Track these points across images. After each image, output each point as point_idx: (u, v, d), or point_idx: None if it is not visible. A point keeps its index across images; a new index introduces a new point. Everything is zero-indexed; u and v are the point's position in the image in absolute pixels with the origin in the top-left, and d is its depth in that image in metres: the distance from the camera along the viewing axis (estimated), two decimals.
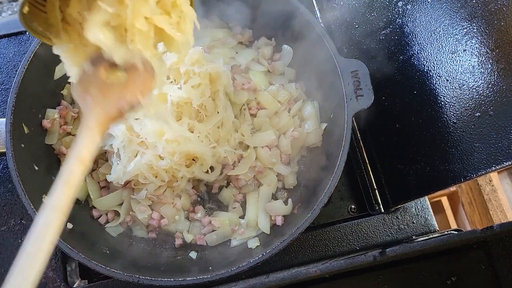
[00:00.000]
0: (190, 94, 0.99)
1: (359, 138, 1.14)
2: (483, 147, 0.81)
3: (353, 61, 0.97)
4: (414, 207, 1.12)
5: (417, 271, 0.88)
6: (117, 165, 1.02)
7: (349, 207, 1.14)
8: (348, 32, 1.14)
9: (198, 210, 1.09)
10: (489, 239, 0.86)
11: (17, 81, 0.99)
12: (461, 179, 0.86)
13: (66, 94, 1.13)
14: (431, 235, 1.06)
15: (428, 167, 0.93)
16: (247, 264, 0.86)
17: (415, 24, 0.93)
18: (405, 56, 0.97)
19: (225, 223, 1.06)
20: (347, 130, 0.93)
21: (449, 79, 0.87)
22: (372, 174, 1.10)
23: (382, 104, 1.04)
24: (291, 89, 1.15)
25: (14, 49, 1.25)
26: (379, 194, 1.09)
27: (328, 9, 1.22)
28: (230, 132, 1.07)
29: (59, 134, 1.09)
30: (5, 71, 1.23)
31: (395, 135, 1.02)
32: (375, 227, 1.10)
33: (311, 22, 1.03)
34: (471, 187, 1.44)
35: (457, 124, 0.85)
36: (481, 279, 0.87)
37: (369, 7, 1.05)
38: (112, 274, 0.87)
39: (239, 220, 1.07)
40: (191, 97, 0.99)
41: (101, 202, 1.06)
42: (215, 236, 1.05)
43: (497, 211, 1.35)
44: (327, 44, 1.00)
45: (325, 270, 0.86)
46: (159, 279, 0.87)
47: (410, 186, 0.98)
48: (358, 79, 0.96)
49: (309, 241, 1.09)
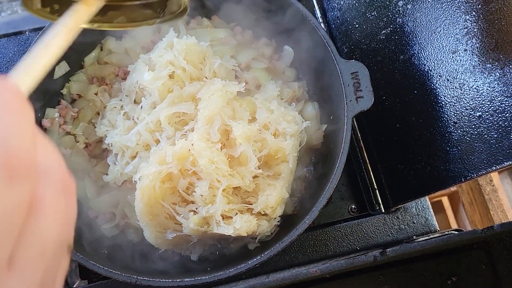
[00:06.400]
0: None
1: (359, 138, 1.14)
2: (483, 147, 0.81)
3: (354, 62, 0.97)
4: (414, 207, 1.12)
5: (418, 271, 0.88)
6: (114, 166, 1.02)
7: (349, 207, 1.14)
8: (348, 31, 1.14)
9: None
10: (489, 239, 0.86)
11: None
12: (461, 179, 0.86)
13: (66, 94, 1.13)
14: (431, 235, 1.05)
15: (429, 167, 0.93)
16: (245, 265, 0.86)
17: (416, 23, 0.93)
18: (405, 56, 0.97)
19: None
20: (347, 131, 0.93)
21: (450, 79, 0.86)
22: (373, 174, 1.10)
23: (383, 104, 1.03)
24: (294, 87, 1.15)
25: (14, 49, 1.25)
26: (380, 194, 1.08)
27: (328, 9, 1.22)
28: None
29: (59, 133, 1.09)
30: (5, 71, 1.23)
31: (395, 135, 1.01)
32: (375, 227, 1.10)
33: (312, 23, 1.03)
34: (472, 187, 1.43)
35: (457, 124, 0.85)
36: (482, 279, 0.87)
37: (369, 6, 1.05)
38: (111, 275, 0.87)
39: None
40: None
41: (97, 203, 1.06)
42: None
43: (497, 211, 1.35)
44: (327, 46, 1.00)
45: (326, 270, 0.85)
46: (157, 279, 0.87)
47: (411, 186, 0.98)
48: (358, 81, 0.95)
49: (310, 241, 1.08)
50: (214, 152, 0.91)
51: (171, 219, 0.94)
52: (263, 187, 0.95)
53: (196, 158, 0.90)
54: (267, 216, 0.95)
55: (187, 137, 0.94)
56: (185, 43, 1.01)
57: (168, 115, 0.97)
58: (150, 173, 0.90)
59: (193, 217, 0.90)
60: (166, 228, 0.95)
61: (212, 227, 0.90)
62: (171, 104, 0.99)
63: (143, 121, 0.99)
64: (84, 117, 1.11)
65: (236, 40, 1.21)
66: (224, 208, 0.90)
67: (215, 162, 0.90)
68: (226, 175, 0.91)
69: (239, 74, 1.14)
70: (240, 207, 0.94)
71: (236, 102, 1.00)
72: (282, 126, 0.99)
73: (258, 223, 0.93)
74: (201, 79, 1.04)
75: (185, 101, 1.00)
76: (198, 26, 1.19)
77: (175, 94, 0.99)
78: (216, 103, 0.95)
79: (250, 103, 1.01)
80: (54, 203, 0.37)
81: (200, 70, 1.04)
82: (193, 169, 0.91)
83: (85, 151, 1.10)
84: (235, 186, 0.93)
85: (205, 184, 0.90)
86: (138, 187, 0.92)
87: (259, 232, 0.94)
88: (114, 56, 1.16)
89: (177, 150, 0.91)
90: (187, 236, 0.94)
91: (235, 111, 0.99)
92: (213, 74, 1.05)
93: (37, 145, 0.37)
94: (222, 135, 0.96)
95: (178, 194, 0.94)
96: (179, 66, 1.01)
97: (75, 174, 1.07)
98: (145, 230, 0.95)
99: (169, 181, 0.93)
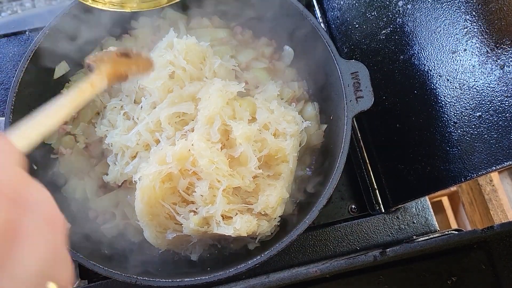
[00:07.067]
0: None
1: (359, 138, 1.14)
2: (483, 147, 0.81)
3: (354, 62, 0.97)
4: (414, 207, 1.12)
5: (418, 271, 0.88)
6: (114, 166, 1.02)
7: (349, 207, 1.14)
8: (348, 31, 1.14)
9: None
10: (489, 239, 0.86)
11: (17, 81, 0.99)
12: (461, 179, 0.86)
13: None
14: (431, 235, 1.05)
15: (429, 167, 0.93)
16: (245, 265, 0.86)
17: (416, 23, 0.93)
18: (405, 56, 0.97)
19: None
20: (347, 131, 0.93)
21: (450, 79, 0.86)
22: (373, 174, 1.10)
23: (383, 104, 1.03)
24: (294, 87, 1.15)
25: (14, 48, 1.25)
26: (380, 194, 1.08)
27: (328, 9, 1.22)
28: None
29: (58, 133, 1.08)
30: (5, 71, 1.23)
31: (395, 135, 1.01)
32: (375, 227, 1.10)
33: (312, 23, 1.03)
34: (472, 187, 1.43)
35: (457, 124, 0.85)
36: (482, 279, 0.87)
37: (369, 6, 1.05)
38: (110, 275, 0.87)
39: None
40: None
41: (97, 203, 1.06)
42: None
43: (497, 211, 1.35)
44: (327, 46, 1.00)
45: (326, 270, 0.85)
46: (157, 279, 0.87)
47: (411, 186, 0.98)
48: (358, 81, 0.95)
49: (309, 241, 1.08)
50: (214, 152, 0.91)
51: (171, 219, 0.94)
52: (263, 187, 0.95)
53: (196, 158, 0.90)
54: (267, 216, 0.95)
55: (187, 137, 0.94)
56: (185, 43, 1.01)
57: (168, 115, 0.97)
58: (150, 173, 0.90)
59: (193, 217, 0.90)
60: (166, 228, 0.95)
61: (212, 227, 0.90)
62: (171, 104, 0.99)
63: (143, 121, 0.99)
64: (84, 117, 1.11)
65: (236, 40, 1.20)
66: (224, 208, 0.90)
67: (215, 162, 0.90)
68: (226, 175, 0.91)
69: (239, 74, 1.14)
70: (240, 207, 0.94)
71: (236, 102, 1.00)
72: (282, 126, 0.99)
73: (258, 223, 0.93)
74: (201, 79, 1.04)
75: (185, 101, 1.00)
76: (198, 26, 1.19)
77: (175, 94, 0.99)
78: (216, 103, 0.95)
79: (250, 103, 1.01)
80: (36, 236, 0.37)
81: (200, 70, 1.04)
82: (193, 169, 0.91)
83: (85, 151, 1.10)
84: (235, 186, 0.93)
85: (205, 184, 0.90)
86: (138, 187, 0.92)
87: (259, 232, 0.94)
88: None
89: (177, 150, 0.91)
90: (187, 236, 0.94)
91: (235, 111, 0.99)
92: (213, 74, 1.05)
93: (26, 185, 0.39)
94: (222, 135, 0.96)
95: (178, 194, 0.94)
96: (179, 66, 1.01)
97: (75, 174, 1.07)
98: (145, 230, 0.95)
99: (169, 181, 0.93)
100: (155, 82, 0.99)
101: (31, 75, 1.01)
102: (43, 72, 1.06)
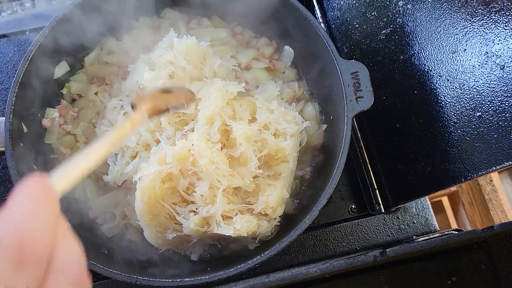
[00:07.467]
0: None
1: (359, 138, 1.14)
2: (483, 147, 0.81)
3: (354, 62, 0.97)
4: (414, 207, 1.12)
5: (418, 271, 0.88)
6: (114, 166, 1.02)
7: (349, 207, 1.14)
8: (348, 31, 1.14)
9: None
10: (489, 239, 0.86)
11: (17, 80, 0.99)
12: (461, 179, 0.86)
13: (66, 94, 1.13)
14: (431, 235, 1.05)
15: (429, 167, 0.93)
16: (245, 265, 0.86)
17: (416, 23, 0.93)
18: (405, 56, 0.97)
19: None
20: (347, 131, 0.93)
21: (450, 79, 0.87)
22: (373, 174, 1.10)
23: (383, 104, 1.03)
24: (294, 87, 1.15)
25: (14, 48, 1.25)
26: (380, 194, 1.08)
27: (328, 9, 1.22)
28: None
29: (59, 133, 1.08)
30: (5, 71, 1.23)
31: (395, 135, 1.01)
32: (375, 227, 1.10)
33: (312, 23, 1.03)
34: (472, 187, 1.43)
35: (457, 124, 0.85)
36: (482, 279, 0.87)
37: (369, 6, 1.05)
38: (110, 275, 0.87)
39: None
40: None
41: (97, 203, 1.06)
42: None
43: (497, 211, 1.35)
44: (327, 46, 1.00)
45: (326, 270, 0.85)
46: (157, 279, 0.87)
47: (411, 186, 0.98)
48: (358, 81, 0.95)
49: (309, 241, 1.08)
50: (214, 152, 0.91)
51: (171, 219, 0.94)
52: (264, 187, 0.95)
53: (196, 158, 0.90)
54: (268, 216, 0.95)
55: (187, 137, 0.94)
56: (185, 43, 1.01)
57: (168, 115, 0.97)
58: (150, 173, 0.90)
59: (193, 217, 0.90)
60: (166, 228, 0.95)
61: (213, 228, 0.90)
62: None
63: None
64: (84, 117, 1.11)
65: (236, 40, 1.20)
66: (225, 208, 0.90)
67: (215, 162, 0.90)
68: (226, 175, 0.91)
69: (239, 74, 1.14)
70: (240, 207, 0.94)
71: (236, 102, 1.00)
72: (282, 126, 0.99)
73: (258, 223, 0.93)
74: (201, 79, 1.04)
75: None
76: (198, 26, 1.19)
77: None
78: (216, 103, 0.95)
79: (250, 103, 1.01)
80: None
81: (200, 70, 1.04)
82: (193, 169, 0.91)
83: None
84: (235, 186, 0.93)
85: (205, 184, 0.90)
86: (138, 187, 0.92)
87: (259, 232, 0.94)
88: (114, 56, 1.16)
89: (177, 150, 0.91)
90: (187, 236, 0.94)
91: (235, 111, 0.99)
92: (213, 74, 1.05)
93: (59, 239, 0.39)
94: (222, 135, 0.96)
95: (178, 194, 0.94)
96: (179, 66, 1.01)
97: None
98: (145, 230, 0.95)
99: (169, 181, 0.93)
100: (155, 82, 0.99)
101: (31, 75, 1.01)
102: (43, 72, 1.05)
